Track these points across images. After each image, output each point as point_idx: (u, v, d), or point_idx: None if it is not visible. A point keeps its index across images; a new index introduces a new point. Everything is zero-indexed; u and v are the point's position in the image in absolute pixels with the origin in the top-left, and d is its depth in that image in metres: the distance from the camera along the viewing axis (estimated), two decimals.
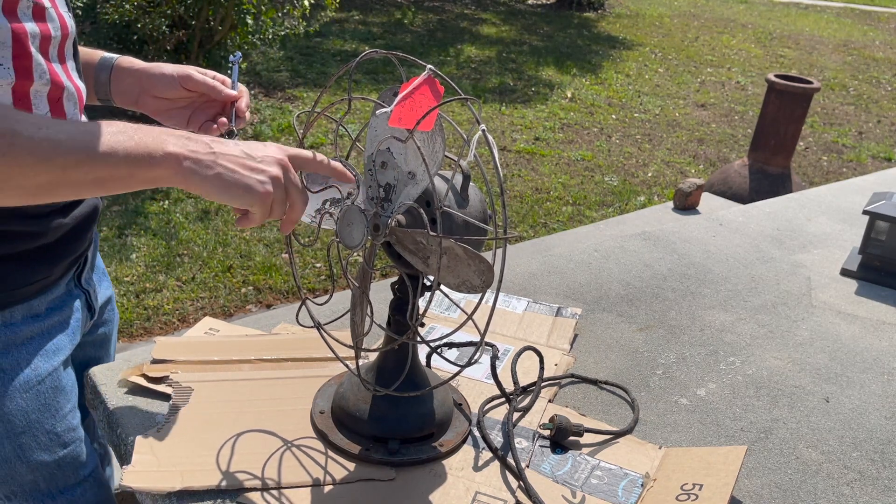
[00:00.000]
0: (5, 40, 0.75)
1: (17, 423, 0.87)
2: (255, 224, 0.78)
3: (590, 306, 1.34)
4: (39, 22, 0.80)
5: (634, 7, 11.58)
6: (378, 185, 0.80)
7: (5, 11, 0.75)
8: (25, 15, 0.77)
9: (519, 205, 4.18)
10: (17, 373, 0.86)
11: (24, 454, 0.89)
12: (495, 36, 8.46)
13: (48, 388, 0.90)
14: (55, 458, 0.91)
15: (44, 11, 0.80)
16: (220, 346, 1.08)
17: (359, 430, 0.91)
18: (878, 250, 1.54)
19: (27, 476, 0.90)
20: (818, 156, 5.73)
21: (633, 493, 0.88)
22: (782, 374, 1.18)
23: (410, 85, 0.76)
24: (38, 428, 0.89)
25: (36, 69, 0.80)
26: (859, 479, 0.97)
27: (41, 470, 0.90)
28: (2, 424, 0.87)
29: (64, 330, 0.93)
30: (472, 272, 0.76)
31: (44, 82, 0.81)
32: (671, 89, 7.09)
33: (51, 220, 0.87)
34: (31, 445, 0.89)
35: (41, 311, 0.90)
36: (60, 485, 0.92)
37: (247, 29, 4.61)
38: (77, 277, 0.97)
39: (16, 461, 0.88)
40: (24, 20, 0.77)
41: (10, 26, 0.75)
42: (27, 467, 0.89)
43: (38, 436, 0.89)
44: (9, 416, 0.87)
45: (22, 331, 0.87)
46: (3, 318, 0.85)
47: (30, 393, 0.88)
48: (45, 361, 0.89)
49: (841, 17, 12.50)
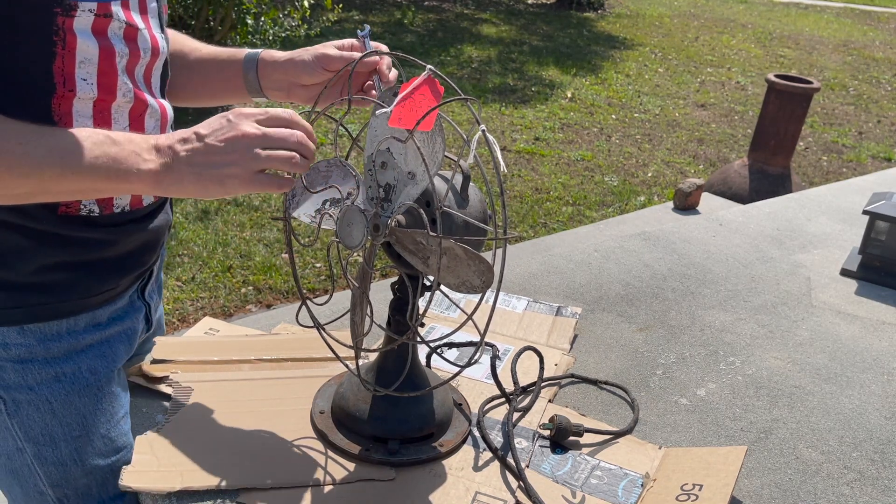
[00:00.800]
0: (92, 58, 0.77)
1: (75, 427, 0.88)
2: (284, 177, 0.79)
3: (590, 306, 1.34)
4: (130, 42, 0.81)
5: (634, 7, 11.58)
6: (378, 186, 0.80)
7: (95, 32, 0.76)
8: (116, 36, 0.79)
9: (519, 205, 4.18)
10: (76, 377, 0.88)
11: (80, 458, 0.89)
12: (495, 36, 8.46)
13: (105, 393, 0.91)
14: (109, 463, 0.92)
15: (136, 33, 0.81)
16: (220, 346, 1.08)
17: (359, 430, 0.91)
18: (878, 250, 1.54)
19: (81, 480, 0.91)
20: (818, 156, 5.73)
21: (633, 494, 0.88)
22: (782, 374, 1.18)
23: (410, 85, 0.76)
24: (95, 432, 0.90)
25: (120, 87, 0.81)
26: (859, 479, 0.97)
27: (95, 474, 0.91)
28: (59, 427, 0.88)
29: (123, 341, 0.94)
30: (471, 272, 0.76)
31: (127, 100, 0.82)
32: (671, 89, 7.09)
33: (125, 231, 0.88)
34: (87, 449, 0.90)
35: (103, 320, 0.91)
36: (112, 491, 0.93)
37: (247, 29, 4.61)
38: (141, 290, 0.98)
39: (71, 464, 0.89)
40: (115, 41, 0.79)
41: (99, 46, 0.77)
42: (82, 471, 0.90)
43: (94, 440, 0.90)
44: (66, 420, 0.88)
45: (84, 338, 0.88)
46: (69, 325, 0.86)
47: (88, 398, 0.89)
48: (104, 367, 0.90)
49: (841, 17, 12.50)
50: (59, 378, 0.86)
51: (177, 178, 0.75)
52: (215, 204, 3.71)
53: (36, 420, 0.86)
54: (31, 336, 0.84)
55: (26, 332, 0.84)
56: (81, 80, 0.77)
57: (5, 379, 0.84)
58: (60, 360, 0.86)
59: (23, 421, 0.86)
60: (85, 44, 0.76)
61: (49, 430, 0.87)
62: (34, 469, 0.89)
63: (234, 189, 0.75)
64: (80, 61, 0.76)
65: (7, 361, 0.84)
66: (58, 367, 0.86)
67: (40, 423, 0.87)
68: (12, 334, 0.83)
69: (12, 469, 0.89)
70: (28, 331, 0.84)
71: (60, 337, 0.86)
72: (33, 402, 0.86)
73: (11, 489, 0.92)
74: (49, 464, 0.89)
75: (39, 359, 0.85)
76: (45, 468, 0.89)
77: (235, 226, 3.55)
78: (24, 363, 0.84)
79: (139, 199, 0.89)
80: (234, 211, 3.67)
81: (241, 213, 3.66)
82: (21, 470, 0.89)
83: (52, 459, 0.88)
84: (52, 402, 0.86)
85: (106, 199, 0.84)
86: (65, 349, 0.87)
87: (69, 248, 0.83)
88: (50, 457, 0.88)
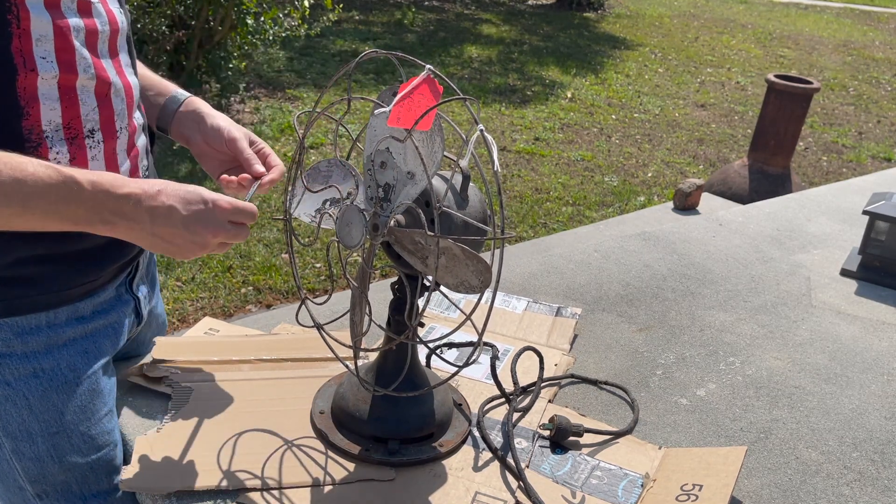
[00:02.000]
0: (47, 34, 0.76)
1: (52, 424, 0.88)
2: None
3: (590, 306, 1.34)
4: (85, 17, 0.80)
5: (634, 7, 11.58)
6: (377, 185, 0.80)
7: (47, 6, 0.76)
8: (69, 9, 0.78)
9: (519, 205, 4.18)
10: (55, 373, 0.87)
11: (56, 454, 0.89)
12: (496, 36, 8.46)
13: (85, 390, 0.90)
14: (88, 461, 0.91)
15: (90, 7, 0.81)
16: (219, 346, 1.08)
17: (359, 431, 0.91)
18: (878, 250, 1.54)
19: (59, 476, 0.90)
20: (818, 156, 5.73)
21: (633, 494, 0.88)
22: (782, 375, 1.18)
23: (409, 85, 0.76)
24: (73, 430, 0.89)
25: (80, 63, 0.80)
26: (859, 479, 0.97)
27: (73, 471, 0.91)
28: (37, 423, 0.87)
29: (109, 334, 0.94)
30: (470, 272, 0.76)
31: (89, 76, 0.82)
32: (671, 89, 7.09)
33: None
34: (64, 446, 0.89)
35: (86, 313, 0.90)
36: (93, 488, 0.93)
37: (247, 29, 4.60)
38: (129, 283, 0.98)
39: (48, 461, 0.89)
40: (69, 15, 0.78)
41: (52, 21, 0.77)
42: (59, 468, 0.90)
43: (72, 437, 0.90)
44: (44, 416, 0.87)
45: (65, 332, 0.88)
46: (48, 318, 0.86)
47: (66, 394, 0.88)
48: (84, 363, 0.90)
49: (841, 17, 12.50)
50: (37, 374, 0.86)
51: (133, 236, 0.80)
52: None
53: (13, 415, 0.86)
54: (7, 330, 0.83)
55: (2, 326, 0.83)
56: (41, 58, 0.76)
57: None
58: (39, 356, 0.86)
59: (0, 416, 0.86)
60: (38, 19, 0.75)
61: (26, 426, 0.87)
62: (12, 464, 0.89)
63: (177, 258, 0.83)
64: (36, 39, 0.76)
65: None
66: (36, 362, 0.86)
67: (17, 418, 0.86)
68: None
69: None
70: (5, 325, 0.83)
71: (39, 330, 0.85)
72: (10, 398, 0.85)
73: None
74: (26, 459, 0.88)
75: (17, 353, 0.84)
76: (23, 463, 0.88)
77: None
78: (2, 357, 0.84)
79: None
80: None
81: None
82: (0, 465, 0.89)
83: (30, 455, 0.88)
84: (29, 399, 0.86)
85: None
86: (44, 343, 0.86)
87: (45, 240, 0.82)
88: (27, 452, 0.88)
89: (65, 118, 0.80)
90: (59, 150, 0.81)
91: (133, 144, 0.91)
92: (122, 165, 0.89)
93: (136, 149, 0.92)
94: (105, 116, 0.85)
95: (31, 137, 0.78)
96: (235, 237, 0.82)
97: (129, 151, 0.90)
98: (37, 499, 0.91)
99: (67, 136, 0.81)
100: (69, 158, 0.82)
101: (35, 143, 0.79)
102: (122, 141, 0.88)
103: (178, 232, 0.79)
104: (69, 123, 0.81)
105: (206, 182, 3.91)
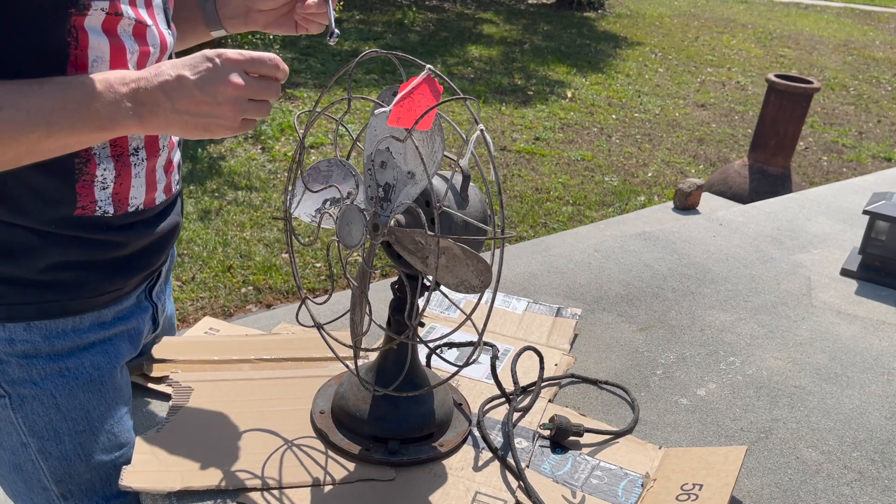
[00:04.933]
0: (104, 56, 0.77)
1: (79, 422, 0.89)
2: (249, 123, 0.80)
3: (590, 306, 1.34)
4: (139, 39, 0.81)
5: (634, 7, 11.58)
6: (377, 185, 0.80)
7: (105, 30, 0.77)
8: (125, 33, 0.79)
9: (519, 205, 4.18)
10: (80, 372, 0.88)
11: (84, 452, 0.90)
12: (496, 36, 8.46)
13: (108, 389, 0.91)
14: (112, 459, 0.92)
15: (145, 29, 0.82)
16: (220, 346, 1.08)
17: (359, 430, 0.91)
18: (878, 250, 1.54)
19: (85, 475, 0.91)
20: (818, 156, 5.73)
21: (633, 494, 0.88)
22: (782, 374, 1.18)
23: (409, 85, 0.76)
24: (99, 427, 0.90)
25: None
26: (859, 479, 0.97)
27: (99, 470, 0.91)
28: (64, 422, 0.88)
29: (126, 339, 0.95)
30: (470, 272, 0.76)
31: None
32: (671, 89, 7.09)
33: (135, 232, 0.89)
34: (90, 444, 0.90)
35: (108, 319, 0.91)
36: (115, 488, 0.93)
37: None
38: (149, 290, 0.99)
39: (76, 459, 0.90)
40: (125, 38, 0.79)
41: (110, 44, 0.77)
42: (86, 466, 0.90)
43: (99, 435, 0.90)
44: (71, 414, 0.88)
45: (88, 336, 0.89)
46: (74, 323, 0.87)
47: (92, 392, 0.89)
48: (106, 363, 0.91)
49: (841, 17, 12.50)
50: (63, 373, 0.87)
51: (163, 123, 0.75)
52: (216, 204, 3.71)
53: (40, 415, 0.87)
54: (36, 332, 0.84)
55: (32, 328, 0.84)
56: None
57: (10, 374, 0.85)
58: (64, 356, 0.87)
59: (27, 416, 0.86)
60: (97, 42, 0.76)
61: (53, 425, 0.88)
62: (38, 464, 0.89)
63: (220, 135, 0.77)
64: (92, 60, 0.76)
65: (12, 357, 0.84)
66: (61, 362, 0.87)
67: (45, 417, 0.87)
68: (18, 330, 0.84)
69: (16, 464, 0.90)
70: (34, 327, 0.84)
71: (66, 334, 0.86)
72: (38, 397, 0.86)
73: (15, 485, 0.92)
74: (53, 459, 0.89)
75: (44, 355, 0.85)
76: (49, 463, 0.89)
77: (235, 225, 3.55)
78: (29, 358, 0.85)
79: (152, 198, 0.90)
80: (235, 210, 3.67)
81: (242, 213, 3.66)
82: (25, 465, 0.89)
83: (57, 454, 0.89)
84: (56, 397, 0.87)
85: (120, 199, 0.85)
86: (69, 346, 0.87)
87: (80, 247, 0.84)
88: (54, 452, 0.89)
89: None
90: (106, 166, 0.82)
91: (171, 161, 0.94)
92: (160, 183, 0.91)
93: (172, 165, 0.94)
94: (150, 136, 0.87)
95: (80, 153, 0.80)
96: (262, 92, 0.75)
97: (166, 168, 0.92)
98: (61, 499, 0.91)
99: (114, 153, 0.83)
100: (115, 175, 0.83)
101: (84, 159, 0.80)
102: (163, 158, 0.90)
103: (196, 98, 0.73)
104: (116, 142, 0.82)
105: (207, 182, 3.92)
